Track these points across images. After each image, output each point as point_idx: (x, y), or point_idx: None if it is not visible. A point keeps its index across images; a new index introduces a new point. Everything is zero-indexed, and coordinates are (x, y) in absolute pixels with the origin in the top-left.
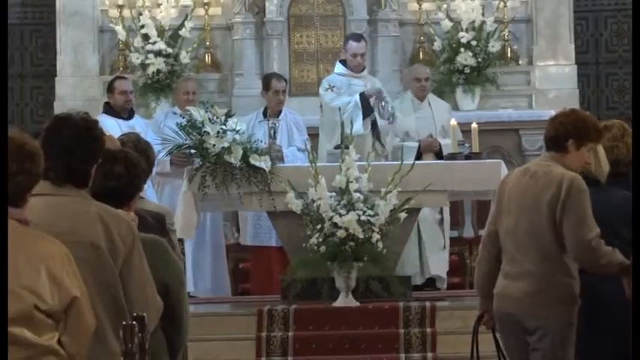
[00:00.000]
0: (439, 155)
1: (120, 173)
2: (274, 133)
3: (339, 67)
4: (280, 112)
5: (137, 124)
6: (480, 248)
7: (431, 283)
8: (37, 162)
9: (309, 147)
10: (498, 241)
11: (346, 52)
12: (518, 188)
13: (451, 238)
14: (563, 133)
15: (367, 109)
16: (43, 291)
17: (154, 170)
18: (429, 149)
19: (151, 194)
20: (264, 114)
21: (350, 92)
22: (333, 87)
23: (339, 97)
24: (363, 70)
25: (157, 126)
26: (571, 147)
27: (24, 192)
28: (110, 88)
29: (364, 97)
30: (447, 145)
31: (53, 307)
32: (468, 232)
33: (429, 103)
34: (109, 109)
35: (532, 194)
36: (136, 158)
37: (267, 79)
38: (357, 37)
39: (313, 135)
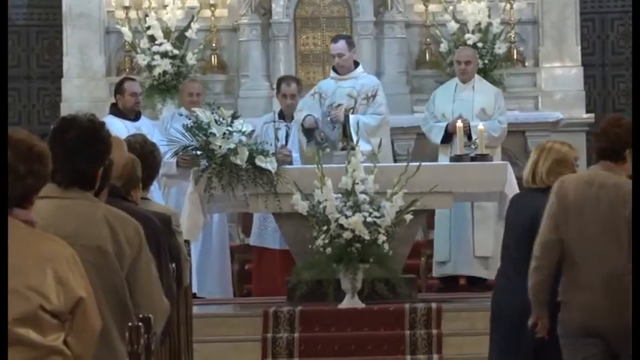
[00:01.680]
0: (470, 137)
1: None
2: (287, 136)
3: (332, 72)
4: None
5: (144, 126)
6: (536, 256)
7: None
8: (46, 164)
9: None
10: (559, 250)
11: None
12: (588, 199)
13: None
14: (621, 144)
15: (309, 135)
16: (49, 291)
17: (160, 171)
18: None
19: (157, 196)
20: (280, 116)
21: (334, 97)
22: (319, 92)
23: (302, 111)
24: (351, 70)
25: (163, 127)
26: (628, 156)
27: (31, 194)
28: (119, 90)
29: (305, 128)
30: (480, 130)
31: (59, 307)
32: None
33: (473, 87)
34: (116, 111)
35: (607, 205)
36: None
37: (278, 83)
38: (335, 38)
39: None
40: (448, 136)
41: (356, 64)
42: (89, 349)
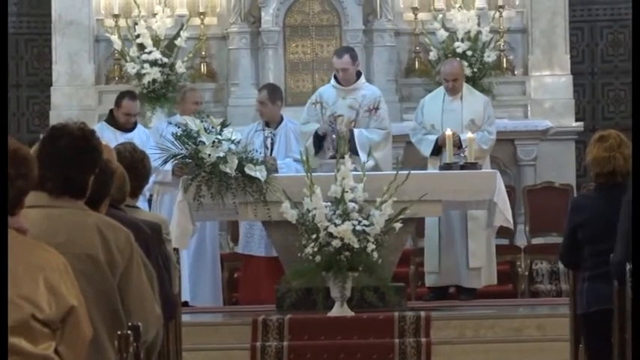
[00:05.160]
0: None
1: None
2: (271, 143)
3: (332, 80)
4: (281, 122)
5: (136, 137)
6: None
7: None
8: (31, 167)
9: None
10: None
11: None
12: None
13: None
14: None
15: (318, 147)
16: (41, 300)
17: (152, 179)
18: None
19: (142, 204)
20: (267, 123)
21: (335, 107)
22: (320, 102)
23: (309, 123)
24: (354, 82)
25: (157, 135)
26: None
27: (21, 197)
28: (118, 103)
29: (317, 136)
30: (469, 138)
31: (50, 316)
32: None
33: (462, 97)
34: (112, 119)
35: None
36: (104, 163)
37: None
38: (340, 53)
39: None
40: (438, 149)
41: (358, 74)
42: (80, 358)
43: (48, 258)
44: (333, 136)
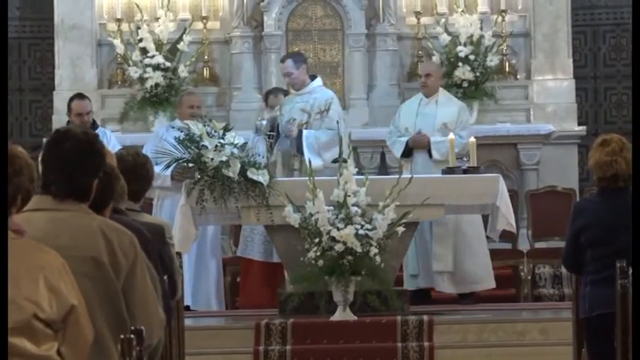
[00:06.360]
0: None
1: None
2: (271, 147)
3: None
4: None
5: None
6: None
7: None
8: (23, 164)
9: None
10: None
11: None
12: None
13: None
14: None
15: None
16: (42, 300)
17: (154, 184)
18: (418, 145)
19: None
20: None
21: (291, 112)
22: (281, 106)
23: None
24: (305, 86)
25: (157, 139)
26: None
27: (15, 195)
28: (68, 107)
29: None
30: (441, 142)
31: (52, 315)
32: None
33: (437, 101)
34: None
35: None
36: (109, 167)
37: (265, 96)
38: (282, 58)
39: None
40: (409, 151)
41: (313, 77)
42: (82, 358)
43: (47, 259)
44: (260, 136)
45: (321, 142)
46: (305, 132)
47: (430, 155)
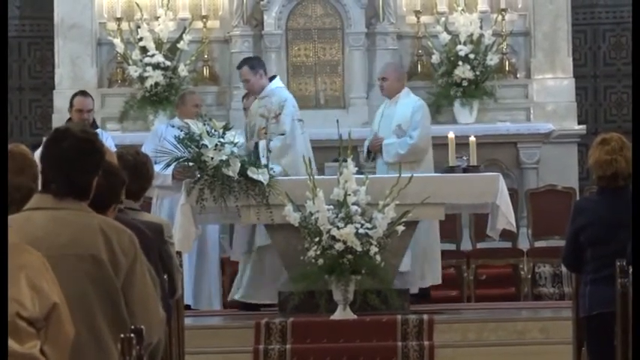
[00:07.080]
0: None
1: (98, 182)
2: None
3: None
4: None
5: None
6: None
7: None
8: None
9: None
10: None
11: None
12: None
13: (448, 251)
14: None
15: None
16: (24, 298)
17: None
18: (373, 148)
19: None
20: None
21: (255, 117)
22: (249, 114)
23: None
24: (264, 88)
25: (156, 137)
26: None
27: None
28: (70, 103)
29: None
30: (390, 144)
31: (34, 314)
32: (466, 245)
33: (397, 102)
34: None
35: None
36: (115, 168)
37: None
38: (239, 64)
39: (314, 148)
40: (371, 154)
41: (272, 78)
42: (64, 356)
43: (28, 257)
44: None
45: (274, 148)
46: (260, 143)
47: (370, 156)
